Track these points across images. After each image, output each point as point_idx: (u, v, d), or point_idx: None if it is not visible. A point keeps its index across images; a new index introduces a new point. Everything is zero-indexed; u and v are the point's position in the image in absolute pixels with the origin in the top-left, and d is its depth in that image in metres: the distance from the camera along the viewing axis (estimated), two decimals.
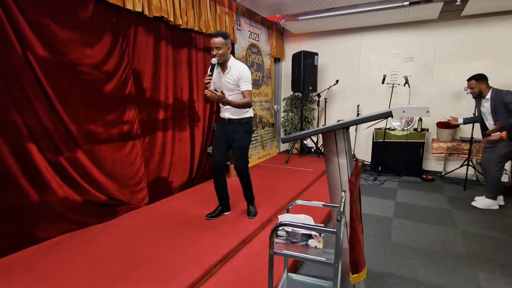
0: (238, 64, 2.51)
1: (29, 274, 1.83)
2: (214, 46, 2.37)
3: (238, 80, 2.47)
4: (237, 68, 2.48)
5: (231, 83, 2.49)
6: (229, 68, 2.48)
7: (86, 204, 2.49)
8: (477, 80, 3.37)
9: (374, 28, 5.06)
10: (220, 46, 2.37)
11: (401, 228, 2.92)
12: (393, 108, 1.26)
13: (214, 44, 2.36)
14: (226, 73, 2.49)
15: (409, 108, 1.24)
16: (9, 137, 2.02)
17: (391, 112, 1.28)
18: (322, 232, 1.31)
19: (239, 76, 2.46)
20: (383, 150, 4.70)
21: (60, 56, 2.28)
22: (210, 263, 1.94)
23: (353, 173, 1.68)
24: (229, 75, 2.48)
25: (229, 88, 2.50)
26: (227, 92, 2.48)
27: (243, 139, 2.62)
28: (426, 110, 1.23)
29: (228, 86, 2.50)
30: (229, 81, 2.49)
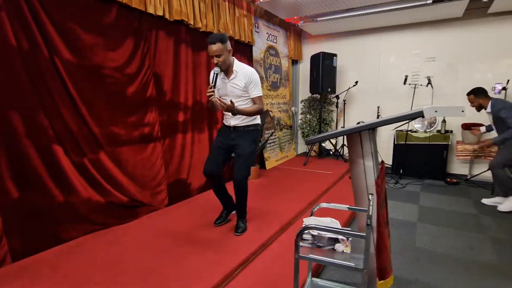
0: (245, 68, 2.30)
1: (53, 274, 1.87)
2: (213, 54, 2.15)
3: (247, 86, 2.27)
4: (244, 73, 2.27)
5: (239, 89, 2.28)
6: (235, 72, 2.27)
7: (108, 205, 2.52)
8: (475, 95, 3.45)
9: (394, 28, 4.94)
10: (220, 53, 2.14)
11: (426, 233, 2.80)
12: (425, 108, 1.21)
13: (213, 52, 2.13)
14: (232, 78, 2.27)
15: (441, 108, 1.18)
16: (37, 139, 2.08)
17: (422, 112, 1.22)
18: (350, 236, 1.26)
19: (249, 81, 2.26)
20: (404, 153, 4.56)
21: (85, 60, 2.34)
22: (231, 266, 1.92)
23: (379, 176, 1.62)
24: (236, 80, 2.27)
25: (236, 95, 2.29)
26: (235, 99, 2.26)
27: (248, 148, 2.35)
28: (461, 109, 1.17)
29: (236, 92, 2.29)
30: (237, 87, 2.28)
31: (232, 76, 2.28)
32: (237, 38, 3.90)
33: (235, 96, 2.30)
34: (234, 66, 2.29)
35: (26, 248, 2.05)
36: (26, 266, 1.96)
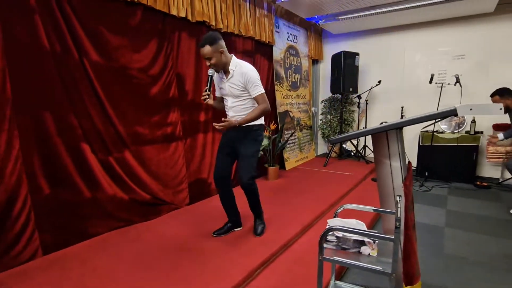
0: (241, 66, 2.16)
1: (81, 268, 1.93)
2: (204, 57, 2.09)
3: (246, 85, 2.14)
4: (240, 71, 2.13)
5: (237, 89, 2.16)
6: (231, 72, 2.15)
7: (132, 202, 2.59)
8: (501, 95, 3.23)
9: (420, 25, 4.77)
10: (210, 56, 2.04)
11: (455, 238, 2.67)
12: (458, 106, 1.15)
13: (203, 55, 2.08)
14: (230, 78, 2.16)
15: (477, 106, 1.11)
16: (66, 138, 2.17)
17: (455, 109, 1.17)
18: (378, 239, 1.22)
19: (246, 81, 2.13)
20: (430, 155, 4.38)
21: (112, 61, 2.41)
22: (252, 266, 1.91)
23: (407, 177, 1.56)
24: (233, 79, 2.15)
25: (235, 95, 2.18)
26: (233, 99, 2.19)
27: (250, 147, 2.23)
28: (499, 107, 1.10)
29: (234, 92, 2.17)
30: (234, 87, 2.16)
31: (229, 75, 2.17)
32: (257, 38, 3.90)
33: (234, 96, 2.20)
34: (231, 65, 2.15)
35: (56, 242, 2.14)
36: (56, 259, 2.04)
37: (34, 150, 2.02)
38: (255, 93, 2.16)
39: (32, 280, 1.78)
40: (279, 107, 4.50)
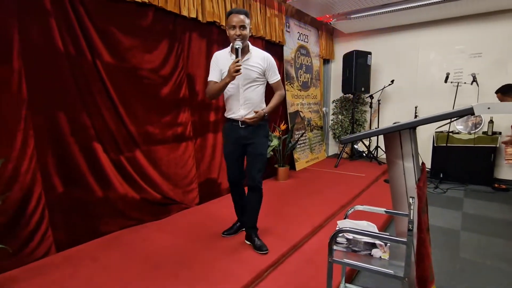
0: (260, 51, 2.09)
1: (93, 265, 1.96)
2: (239, 24, 1.88)
3: (267, 71, 2.06)
4: (262, 56, 2.05)
5: (255, 72, 2.02)
6: (249, 53, 2.03)
7: (143, 201, 2.61)
8: (503, 93, 3.18)
9: (434, 23, 4.65)
10: (246, 26, 1.91)
11: (471, 242, 2.59)
12: (476, 104, 1.10)
13: (240, 22, 1.88)
14: (247, 59, 2.01)
15: (496, 105, 1.07)
16: (79, 137, 2.21)
17: (472, 108, 1.12)
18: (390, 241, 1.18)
19: (268, 66, 2.05)
20: (445, 156, 4.26)
21: (123, 62, 2.45)
22: (261, 267, 1.90)
23: (420, 178, 1.51)
24: (251, 62, 2.01)
25: (251, 78, 2.02)
26: (245, 82, 2.01)
27: (264, 145, 2.13)
28: None
29: (251, 75, 2.01)
30: (253, 69, 2.01)
31: (246, 56, 2.01)
32: (268, 38, 3.88)
33: (249, 79, 2.02)
34: (250, 46, 2.06)
35: (69, 240, 2.18)
36: (68, 256, 2.08)
37: (48, 149, 2.07)
38: (275, 79, 2.11)
39: (45, 277, 1.82)
40: (289, 107, 4.47)
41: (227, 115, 2.13)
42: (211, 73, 2.08)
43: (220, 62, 2.05)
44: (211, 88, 2.04)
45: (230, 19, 1.92)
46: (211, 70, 2.08)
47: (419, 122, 1.34)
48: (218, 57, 2.08)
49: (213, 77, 2.06)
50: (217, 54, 2.10)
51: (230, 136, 2.14)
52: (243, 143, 2.11)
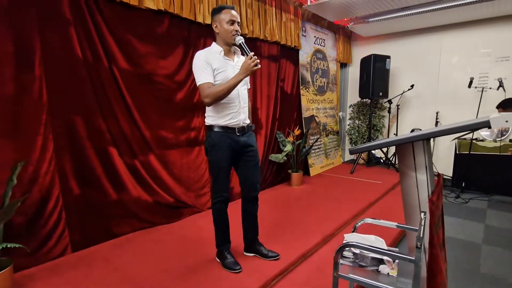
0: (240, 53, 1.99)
1: (105, 266, 2.02)
2: (236, 19, 1.81)
3: None
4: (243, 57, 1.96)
5: None
6: (237, 55, 1.96)
7: (156, 204, 2.66)
8: (504, 107, 3.06)
9: (457, 26, 4.47)
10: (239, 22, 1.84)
11: (493, 257, 2.45)
12: (492, 117, 1.04)
13: (237, 18, 1.82)
14: (237, 61, 1.92)
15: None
16: (95, 141, 2.28)
17: (488, 121, 1.06)
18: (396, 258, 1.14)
19: None
20: (468, 164, 4.07)
21: (139, 68, 2.51)
22: (269, 276, 1.88)
23: (434, 191, 1.45)
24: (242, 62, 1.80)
25: (245, 80, 1.94)
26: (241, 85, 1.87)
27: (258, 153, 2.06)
28: None
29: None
30: None
31: (235, 58, 1.92)
32: (283, 42, 3.87)
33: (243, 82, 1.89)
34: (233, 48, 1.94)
35: (84, 240, 2.25)
36: (83, 256, 2.15)
37: (66, 153, 2.15)
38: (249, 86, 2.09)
39: (60, 276, 1.89)
40: (304, 112, 4.43)
41: (221, 122, 1.87)
42: (205, 75, 1.79)
43: (211, 60, 1.82)
44: (216, 90, 1.75)
45: (226, 13, 1.80)
46: (202, 72, 1.79)
47: (432, 134, 1.28)
48: (207, 56, 1.82)
49: (210, 79, 1.79)
50: (205, 54, 1.83)
51: (226, 147, 1.88)
52: (239, 152, 1.94)
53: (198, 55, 1.84)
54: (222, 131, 1.88)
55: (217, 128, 1.89)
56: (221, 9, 1.83)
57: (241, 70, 1.75)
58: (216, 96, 1.76)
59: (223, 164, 1.91)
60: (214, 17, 1.85)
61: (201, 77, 1.80)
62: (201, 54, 1.84)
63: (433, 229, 1.36)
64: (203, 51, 1.87)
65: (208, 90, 1.77)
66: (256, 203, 2.12)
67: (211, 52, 1.86)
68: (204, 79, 1.79)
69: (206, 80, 1.79)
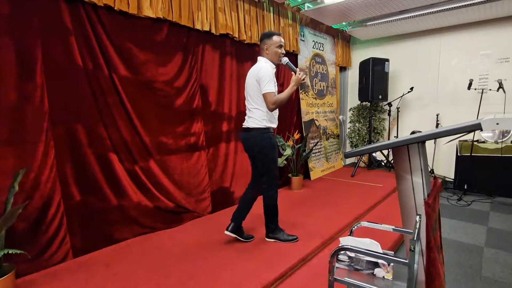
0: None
1: (106, 271, 2.03)
2: (282, 45, 2.30)
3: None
4: None
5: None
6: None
7: (156, 210, 2.68)
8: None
9: (456, 28, 4.48)
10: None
11: (496, 260, 2.43)
12: (483, 119, 1.05)
13: (283, 43, 2.31)
14: None
15: (505, 119, 1.01)
16: (96, 148, 2.31)
17: (479, 124, 1.07)
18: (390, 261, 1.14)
19: None
20: (470, 166, 4.06)
21: (139, 75, 2.54)
22: (269, 280, 1.88)
23: (430, 194, 1.45)
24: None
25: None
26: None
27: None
28: None
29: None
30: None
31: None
32: None
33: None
34: None
35: (84, 246, 2.27)
36: (84, 262, 2.16)
37: (67, 159, 2.18)
38: None
39: (60, 282, 1.90)
40: (304, 116, 4.45)
41: (268, 124, 2.28)
42: (271, 85, 2.20)
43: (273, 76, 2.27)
44: (281, 98, 2.21)
45: (275, 39, 2.25)
46: (269, 82, 2.20)
47: (425, 137, 1.29)
48: (271, 71, 2.26)
49: (274, 89, 2.23)
50: (270, 68, 2.25)
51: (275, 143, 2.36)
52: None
53: (268, 68, 2.22)
54: (269, 132, 2.30)
55: (271, 130, 2.32)
56: (271, 34, 2.27)
57: (292, 83, 2.23)
58: (278, 103, 2.21)
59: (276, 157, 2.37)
60: (265, 40, 2.28)
61: (270, 87, 2.19)
62: (269, 68, 2.24)
63: (430, 232, 1.36)
64: (270, 66, 2.27)
65: (274, 98, 2.19)
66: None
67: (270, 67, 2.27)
68: (271, 89, 2.19)
69: (272, 90, 2.19)
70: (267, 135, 2.28)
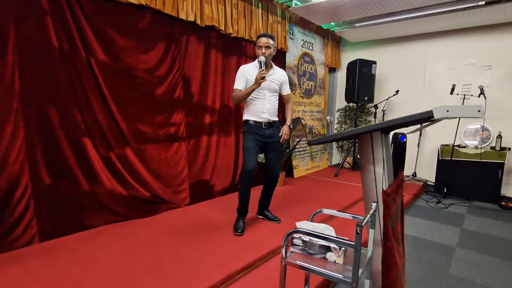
0: (279, 69, 2.61)
1: (71, 256, 2.00)
2: (265, 45, 2.36)
3: (283, 84, 2.58)
4: (281, 72, 2.59)
5: (277, 85, 2.53)
6: (273, 69, 2.52)
7: (131, 198, 2.65)
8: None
9: (443, 34, 4.55)
10: (270, 46, 2.39)
11: (465, 260, 2.46)
12: (435, 107, 1.07)
13: (265, 42, 2.36)
14: (271, 74, 2.48)
15: (454, 107, 1.02)
16: (69, 132, 2.27)
17: (431, 111, 1.08)
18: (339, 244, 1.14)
19: (285, 80, 2.60)
20: (450, 170, 4.11)
21: (118, 62, 2.52)
22: (234, 269, 1.88)
23: (392, 185, 1.46)
24: (275, 76, 2.51)
25: (273, 89, 2.51)
26: (270, 93, 2.48)
27: (281, 144, 2.59)
28: (477, 109, 1.01)
29: (274, 87, 2.50)
30: (276, 82, 2.51)
31: (270, 72, 2.48)
32: None
33: (272, 91, 2.49)
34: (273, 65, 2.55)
35: (53, 231, 2.23)
36: (50, 247, 2.12)
37: (37, 141, 2.14)
38: (288, 91, 2.64)
39: (22, 264, 1.86)
40: None
41: (251, 118, 2.46)
42: (238, 82, 2.41)
43: (248, 72, 2.41)
44: (238, 94, 2.37)
45: (259, 40, 2.39)
46: (237, 79, 2.42)
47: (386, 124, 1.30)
48: (246, 69, 2.43)
49: (240, 86, 2.39)
50: (245, 67, 2.46)
51: (254, 133, 2.45)
52: (265, 141, 2.48)
53: (243, 67, 2.46)
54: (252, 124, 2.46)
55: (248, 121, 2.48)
56: (258, 36, 2.43)
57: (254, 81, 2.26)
58: (236, 99, 2.41)
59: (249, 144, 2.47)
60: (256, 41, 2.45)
61: (236, 83, 2.42)
62: (242, 67, 2.45)
63: (387, 221, 1.37)
64: (245, 65, 2.48)
65: (234, 93, 2.41)
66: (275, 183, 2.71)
67: (251, 66, 2.46)
68: (236, 85, 2.41)
69: (236, 86, 2.41)
70: (245, 127, 2.49)
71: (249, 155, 2.42)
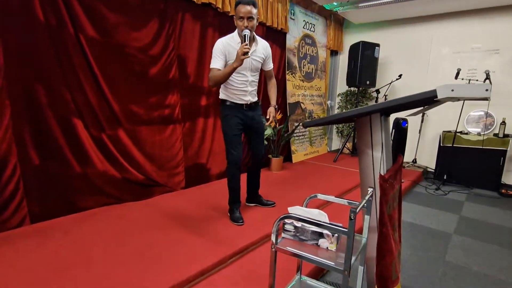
0: (261, 40, 2.23)
1: (63, 238, 1.97)
2: (246, 16, 1.94)
3: (267, 58, 2.26)
4: (264, 44, 2.23)
5: (260, 62, 2.22)
6: (256, 45, 2.15)
7: (124, 181, 2.60)
8: None
9: (449, 16, 4.38)
10: (253, 16, 1.97)
11: (462, 246, 2.43)
12: (439, 86, 0.98)
13: (247, 13, 1.93)
14: (253, 51, 2.11)
15: (460, 86, 0.94)
16: (58, 111, 2.20)
17: (435, 90, 1.00)
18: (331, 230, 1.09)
19: (269, 54, 2.25)
20: (451, 156, 4.04)
21: (109, 38, 2.41)
22: (226, 254, 1.85)
23: (390, 170, 1.40)
24: (257, 53, 2.16)
25: (256, 68, 2.20)
26: (251, 72, 2.18)
27: (263, 123, 2.42)
28: (485, 87, 0.93)
29: (256, 65, 2.20)
30: (259, 60, 2.20)
31: (253, 47, 2.13)
32: (269, 24, 3.76)
33: (254, 70, 2.19)
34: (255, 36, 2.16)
35: (44, 212, 2.20)
36: (42, 228, 2.10)
37: (25, 121, 2.07)
38: (270, 66, 2.32)
39: (12, 246, 1.84)
40: (289, 98, 4.35)
41: (230, 99, 2.18)
42: (216, 61, 2.05)
43: (227, 49, 2.06)
44: (216, 75, 2.02)
45: (238, 9, 1.97)
46: (215, 57, 2.06)
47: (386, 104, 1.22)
48: (225, 45, 2.06)
49: (218, 65, 2.04)
50: (223, 42, 2.06)
51: (235, 117, 2.19)
52: (248, 123, 2.25)
53: (218, 43, 2.07)
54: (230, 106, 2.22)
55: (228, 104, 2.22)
56: (236, 3, 1.98)
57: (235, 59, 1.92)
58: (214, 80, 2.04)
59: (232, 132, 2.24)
60: (235, 9, 2.01)
61: (213, 62, 2.05)
62: (220, 42, 2.07)
63: (384, 207, 1.31)
64: (222, 39, 2.08)
65: (211, 74, 2.04)
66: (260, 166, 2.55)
67: (229, 40, 2.08)
68: (212, 64, 2.05)
69: (213, 66, 2.05)
70: (225, 109, 2.23)
71: (233, 145, 2.20)
